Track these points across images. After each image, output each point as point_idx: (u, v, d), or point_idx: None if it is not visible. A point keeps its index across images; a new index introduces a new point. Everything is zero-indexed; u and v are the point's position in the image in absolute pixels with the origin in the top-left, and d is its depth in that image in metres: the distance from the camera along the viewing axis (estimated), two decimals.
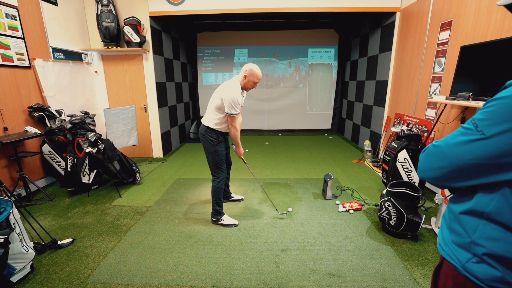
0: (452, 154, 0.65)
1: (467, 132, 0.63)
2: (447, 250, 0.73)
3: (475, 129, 0.61)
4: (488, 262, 0.62)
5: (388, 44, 4.44)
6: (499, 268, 0.61)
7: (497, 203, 0.61)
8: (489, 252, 0.62)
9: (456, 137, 0.65)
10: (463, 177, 0.65)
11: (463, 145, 0.63)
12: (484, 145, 0.59)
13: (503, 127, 0.56)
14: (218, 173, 2.57)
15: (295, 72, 6.86)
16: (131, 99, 4.73)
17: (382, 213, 2.42)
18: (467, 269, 0.66)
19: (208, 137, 2.47)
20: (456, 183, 0.68)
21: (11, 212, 1.83)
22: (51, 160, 3.43)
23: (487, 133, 0.58)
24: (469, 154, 0.61)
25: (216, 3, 4.25)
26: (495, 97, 0.59)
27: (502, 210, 0.60)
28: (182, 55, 6.15)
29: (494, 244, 0.61)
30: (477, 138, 0.60)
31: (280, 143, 6.05)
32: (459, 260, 0.68)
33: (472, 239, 0.65)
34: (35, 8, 3.44)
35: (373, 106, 4.98)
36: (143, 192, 3.42)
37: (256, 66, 2.35)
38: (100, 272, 1.99)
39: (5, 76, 3.05)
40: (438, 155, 0.68)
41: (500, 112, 0.57)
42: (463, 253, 0.67)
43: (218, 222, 2.62)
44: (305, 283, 1.88)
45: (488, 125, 0.58)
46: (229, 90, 2.30)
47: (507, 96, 0.56)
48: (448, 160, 0.66)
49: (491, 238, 0.62)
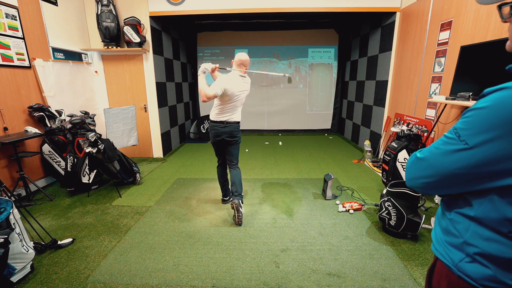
0: (438, 164, 0.65)
1: (450, 141, 0.63)
2: (440, 250, 0.73)
3: (458, 138, 0.61)
4: (480, 261, 0.63)
5: (388, 44, 4.44)
6: (491, 267, 0.62)
7: (485, 208, 0.61)
8: (481, 251, 0.63)
9: (441, 147, 0.65)
10: (450, 185, 0.65)
11: (449, 155, 0.63)
12: (469, 155, 0.59)
13: (486, 137, 0.56)
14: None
15: (295, 72, 6.86)
16: (131, 99, 4.73)
17: (382, 213, 2.42)
18: (460, 269, 0.67)
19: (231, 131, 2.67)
20: (444, 191, 0.69)
21: (11, 212, 1.83)
22: (51, 160, 3.43)
23: (471, 142, 0.59)
24: (454, 164, 0.62)
25: (216, 3, 4.25)
26: (474, 106, 0.60)
27: (490, 215, 0.61)
28: (182, 55, 6.15)
29: (486, 244, 0.62)
30: (462, 148, 0.60)
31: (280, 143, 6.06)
32: (452, 260, 0.69)
33: (464, 239, 0.66)
34: (35, 8, 3.44)
35: (373, 106, 4.98)
36: (143, 192, 3.42)
37: (240, 53, 2.59)
38: (100, 272, 1.99)
39: (5, 76, 3.05)
40: (424, 165, 0.69)
41: (480, 122, 0.57)
42: (456, 252, 0.68)
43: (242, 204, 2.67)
44: (305, 283, 1.88)
45: (470, 135, 0.59)
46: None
47: (486, 107, 0.56)
48: (434, 170, 0.66)
49: (483, 238, 0.63)
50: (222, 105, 2.57)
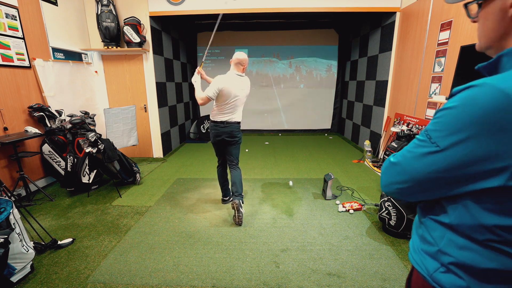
0: (411, 168, 0.62)
1: (422, 144, 0.60)
2: (416, 259, 0.70)
3: (429, 140, 0.58)
4: (454, 271, 0.61)
5: (388, 44, 4.44)
6: (464, 278, 0.60)
7: (459, 213, 0.59)
8: (455, 261, 0.61)
9: (413, 150, 0.63)
10: (425, 191, 0.62)
11: (421, 159, 0.60)
12: (441, 158, 0.56)
13: (456, 138, 0.54)
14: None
15: (295, 72, 6.86)
16: (131, 99, 4.73)
17: (382, 213, 2.42)
18: (434, 279, 0.64)
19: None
20: (420, 197, 0.66)
21: (11, 212, 1.83)
22: (51, 160, 3.43)
23: (441, 145, 0.56)
24: (427, 168, 0.59)
25: (216, 3, 4.25)
26: (444, 106, 0.57)
27: (464, 221, 0.58)
28: (182, 55, 6.15)
29: (460, 253, 0.60)
30: (433, 151, 0.58)
31: (280, 143, 6.06)
32: (427, 270, 0.66)
33: (439, 247, 0.64)
34: (35, 8, 3.44)
35: (373, 106, 4.98)
36: (143, 192, 3.42)
37: (238, 52, 2.69)
38: (100, 272, 1.99)
39: (5, 76, 3.05)
40: (398, 170, 0.65)
41: (450, 123, 0.55)
42: (431, 262, 0.65)
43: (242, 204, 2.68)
44: (305, 283, 1.88)
45: (441, 137, 0.56)
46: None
47: (455, 106, 0.54)
48: (408, 175, 0.63)
49: (458, 246, 0.60)
50: (222, 105, 2.57)
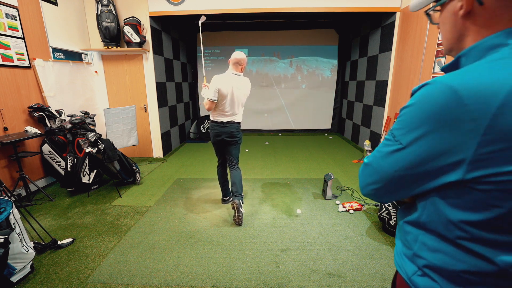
0: (380, 168, 0.63)
1: (387, 143, 0.62)
2: (398, 262, 0.71)
3: (394, 139, 0.60)
4: (428, 274, 0.61)
5: (388, 44, 4.44)
6: (438, 280, 0.60)
7: (429, 211, 0.60)
8: (429, 264, 0.61)
9: (381, 150, 0.64)
10: (396, 191, 0.63)
11: (387, 157, 0.61)
12: (404, 155, 0.58)
13: (415, 134, 0.55)
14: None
15: (296, 72, 6.86)
16: (131, 99, 4.73)
17: (382, 213, 2.42)
18: (413, 283, 0.64)
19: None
20: (393, 197, 0.66)
21: (11, 212, 1.83)
22: (51, 160, 3.43)
23: (403, 142, 0.57)
24: (393, 166, 0.60)
25: (216, 3, 4.25)
26: (405, 105, 0.59)
27: (434, 219, 0.59)
28: (182, 55, 6.15)
29: (432, 256, 0.60)
30: (397, 149, 0.59)
31: (280, 143, 6.06)
32: (406, 273, 0.67)
33: (413, 251, 0.64)
34: (35, 8, 3.44)
35: (373, 106, 4.98)
36: (143, 192, 3.42)
37: (236, 52, 2.65)
38: (100, 272, 1.99)
39: (5, 76, 3.05)
40: (370, 171, 0.66)
41: (409, 120, 0.56)
42: (410, 265, 0.66)
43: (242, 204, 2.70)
44: (305, 283, 1.88)
45: (403, 134, 0.58)
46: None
47: (412, 104, 0.56)
48: (378, 175, 0.64)
49: (430, 249, 0.61)
50: (220, 105, 2.56)
